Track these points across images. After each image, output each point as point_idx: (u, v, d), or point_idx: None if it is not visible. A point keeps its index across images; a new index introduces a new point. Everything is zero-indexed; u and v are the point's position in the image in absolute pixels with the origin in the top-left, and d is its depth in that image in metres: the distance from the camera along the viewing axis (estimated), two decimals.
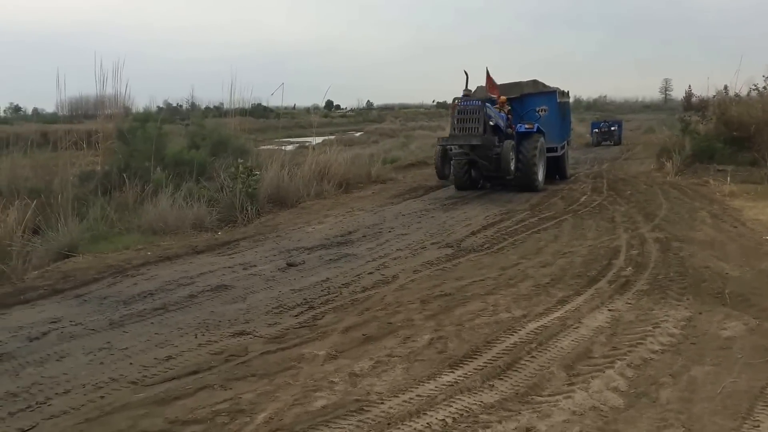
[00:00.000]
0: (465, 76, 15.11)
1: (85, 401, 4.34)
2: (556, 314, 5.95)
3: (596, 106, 77.90)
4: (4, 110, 61.68)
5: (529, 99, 16.85)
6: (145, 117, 14.96)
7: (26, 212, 9.23)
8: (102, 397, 4.41)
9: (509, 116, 15.70)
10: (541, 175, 15.42)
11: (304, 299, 6.69)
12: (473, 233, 10.20)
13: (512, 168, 14.16)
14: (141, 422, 4.00)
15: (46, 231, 9.33)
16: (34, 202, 9.51)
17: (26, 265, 8.13)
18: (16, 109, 61.94)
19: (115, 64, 12.50)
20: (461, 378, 4.56)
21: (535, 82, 17.05)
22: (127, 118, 14.36)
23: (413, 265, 8.07)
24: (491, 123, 14.34)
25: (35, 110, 53.01)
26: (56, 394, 4.48)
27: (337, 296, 6.78)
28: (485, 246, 9.19)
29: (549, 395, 4.27)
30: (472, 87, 16.29)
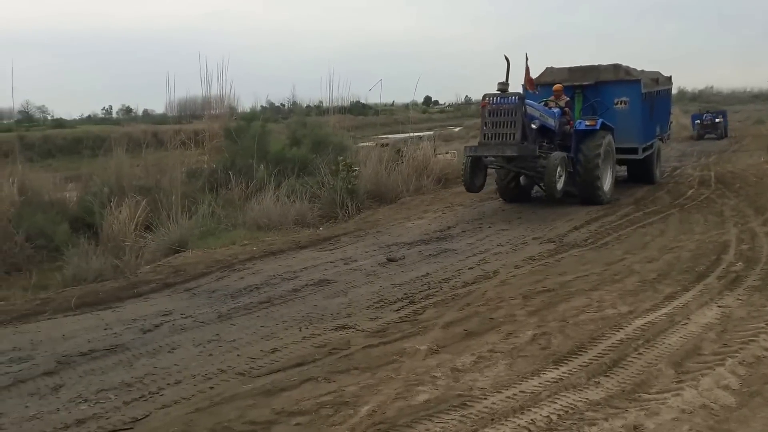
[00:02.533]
0: (506, 64, 11.31)
1: (195, 391, 4.49)
2: (664, 310, 5.74)
3: (702, 97, 73.57)
4: (117, 111, 65.45)
5: (606, 88, 13.74)
6: (250, 116, 15.42)
7: (138, 209, 9.75)
8: (211, 387, 4.54)
9: (567, 110, 12.58)
10: (607, 184, 12.26)
11: (405, 294, 6.69)
12: (576, 228, 9.92)
13: (559, 188, 10.95)
14: (249, 413, 4.09)
15: (157, 227, 9.79)
16: (145, 199, 10.03)
17: (139, 260, 8.58)
18: (128, 110, 65.34)
19: (219, 66, 13.03)
20: (566, 374, 4.45)
21: (616, 67, 13.90)
22: (232, 117, 14.86)
23: (514, 261, 7.93)
24: (533, 126, 11.09)
25: (145, 111, 55.75)
26: (168, 384, 4.65)
27: (437, 291, 6.74)
28: (589, 241, 8.93)
29: (657, 393, 4.12)
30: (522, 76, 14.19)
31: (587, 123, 12.26)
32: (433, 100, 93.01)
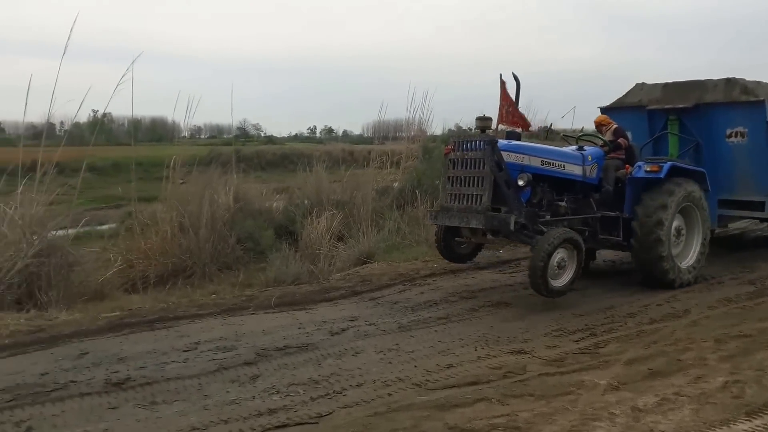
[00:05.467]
0: (515, 86, 8.14)
1: (374, 396, 4.72)
2: None
3: None
4: (320, 131, 70.87)
5: (713, 113, 9.56)
6: (438, 139, 15.82)
7: (333, 221, 10.46)
8: (389, 394, 4.75)
9: (622, 142, 8.56)
10: (689, 258, 8.26)
11: (586, 325, 6.54)
12: None
13: (558, 286, 7.02)
14: (423, 423, 4.22)
15: (348, 239, 10.42)
16: (340, 213, 10.72)
17: (331, 268, 9.15)
18: (329, 130, 70.41)
19: (424, 93, 13.57)
20: (759, 428, 4.13)
21: (729, 83, 9.58)
22: (424, 140, 15.35)
23: (708, 301, 7.43)
24: (521, 182, 7.23)
25: (344, 132, 59.65)
26: (350, 386, 4.93)
27: (621, 326, 6.51)
28: None
29: None
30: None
31: (647, 169, 8.03)
32: None
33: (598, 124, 8.98)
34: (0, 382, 4.98)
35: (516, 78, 7.92)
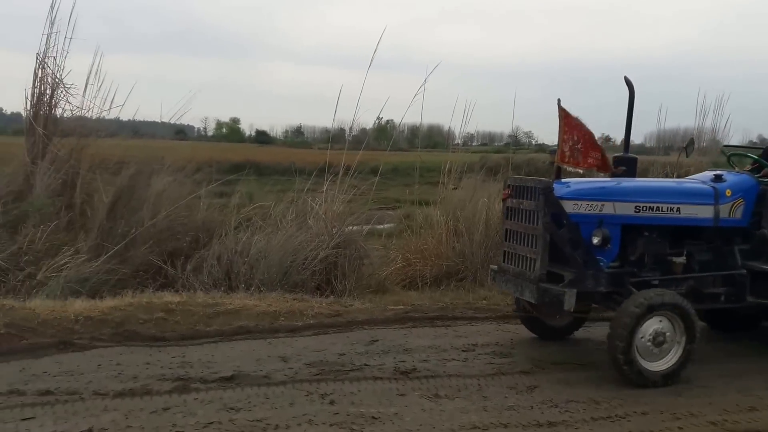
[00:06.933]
0: (628, 94, 6.22)
1: (662, 427, 4.46)
2: None
3: None
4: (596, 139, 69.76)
5: None
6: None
7: None
8: (680, 428, 4.46)
9: None
10: None
11: None
12: None
13: (654, 370, 5.22)
14: None
15: None
16: None
17: None
18: (606, 139, 68.24)
19: (718, 97, 12.35)
20: None
21: None
22: (717, 152, 14.03)
23: None
24: (596, 240, 5.37)
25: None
26: (634, 412, 4.69)
27: None
28: None
29: None
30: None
31: None
32: None
33: None
34: (308, 357, 5.62)
35: (629, 84, 6.16)
